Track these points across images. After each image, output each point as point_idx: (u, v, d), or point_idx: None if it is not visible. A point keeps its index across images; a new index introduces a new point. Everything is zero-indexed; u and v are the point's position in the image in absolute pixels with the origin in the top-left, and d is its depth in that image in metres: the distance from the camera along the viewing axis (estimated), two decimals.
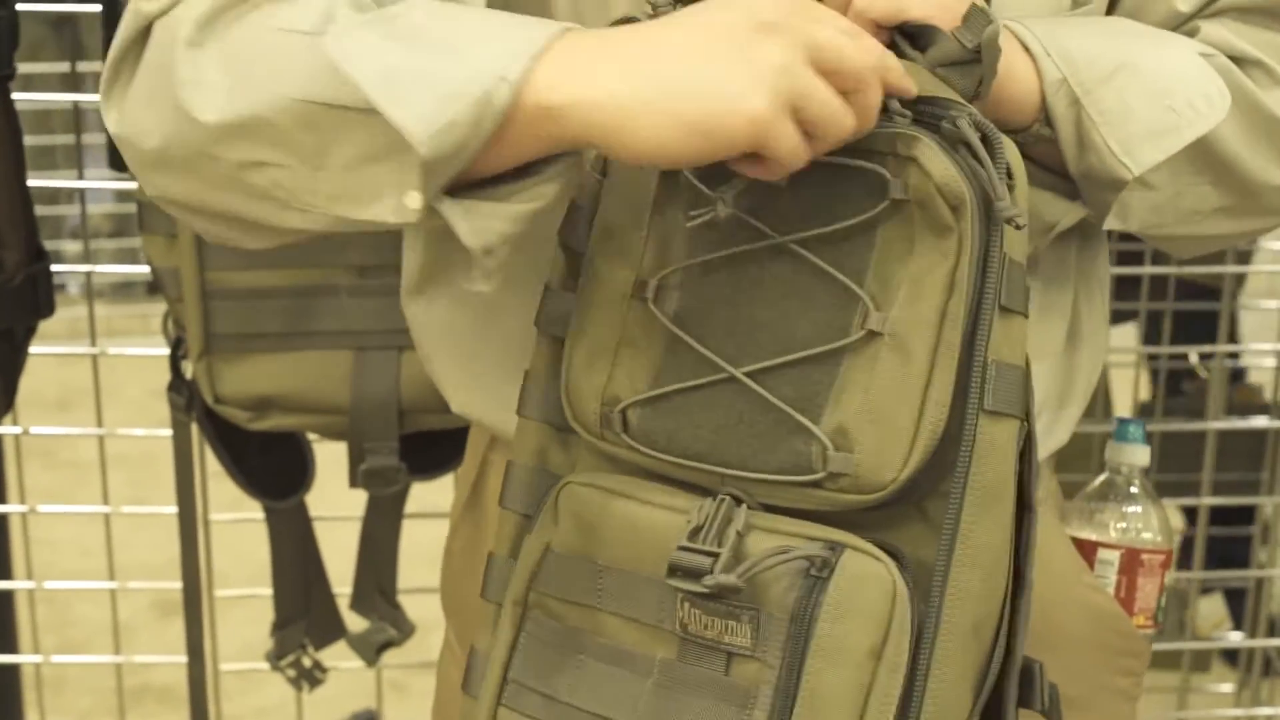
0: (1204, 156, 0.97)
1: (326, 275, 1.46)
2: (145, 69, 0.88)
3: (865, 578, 0.80)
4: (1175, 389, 2.66)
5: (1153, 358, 2.46)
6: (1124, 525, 1.15)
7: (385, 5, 0.84)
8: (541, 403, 0.94)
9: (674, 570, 0.82)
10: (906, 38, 0.87)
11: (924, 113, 0.83)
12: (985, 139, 0.81)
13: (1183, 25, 1.03)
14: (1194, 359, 2.58)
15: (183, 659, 1.81)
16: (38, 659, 2.00)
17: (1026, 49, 0.93)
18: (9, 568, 2.02)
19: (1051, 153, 0.95)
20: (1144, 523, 1.16)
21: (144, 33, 0.88)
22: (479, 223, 0.82)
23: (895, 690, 0.80)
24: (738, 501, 0.85)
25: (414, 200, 0.81)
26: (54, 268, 1.59)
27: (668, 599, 0.84)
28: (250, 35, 0.84)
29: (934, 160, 0.80)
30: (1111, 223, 0.98)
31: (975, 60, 0.84)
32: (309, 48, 0.82)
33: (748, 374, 0.85)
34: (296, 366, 1.47)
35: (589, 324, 0.91)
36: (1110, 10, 1.03)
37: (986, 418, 0.81)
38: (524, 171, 0.83)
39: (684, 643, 0.85)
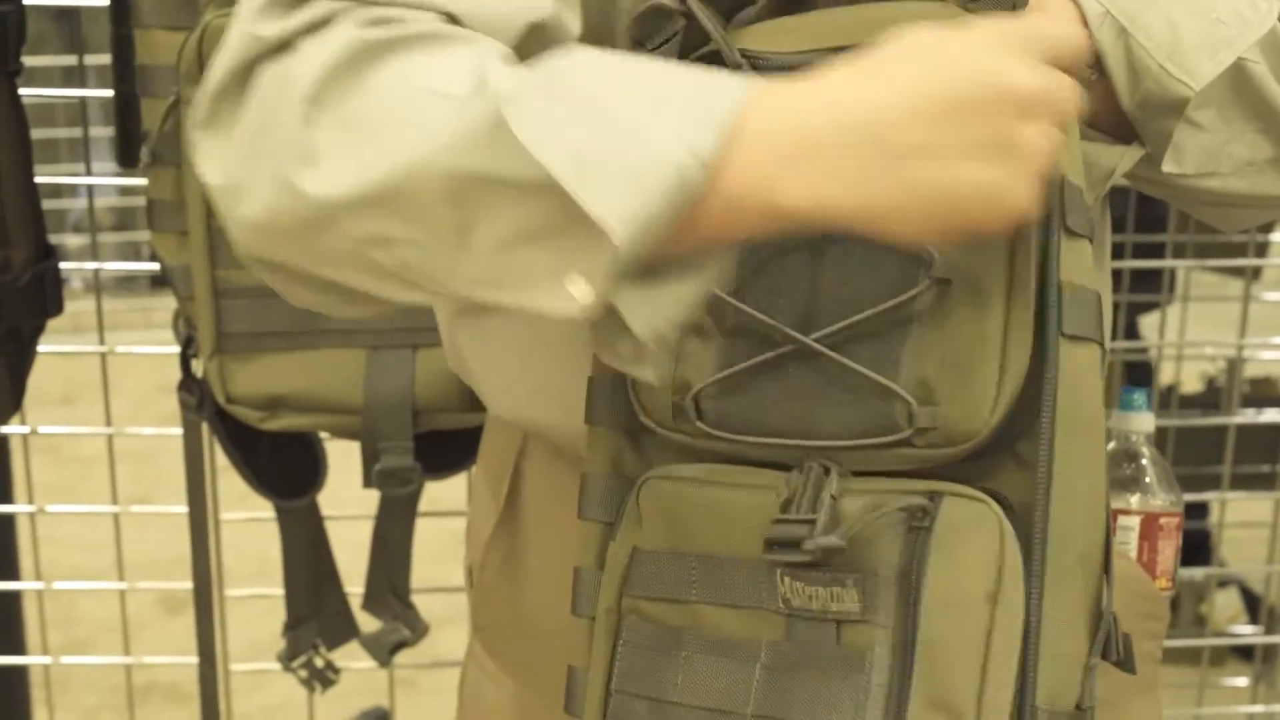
0: (1248, 97, 0.96)
1: None
2: (251, 123, 0.77)
3: (970, 521, 0.79)
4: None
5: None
6: (1141, 492, 1.18)
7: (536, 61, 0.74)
8: (609, 408, 0.92)
9: (771, 545, 0.80)
10: None
11: None
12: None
13: None
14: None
15: (191, 659, 1.80)
16: (47, 660, 1.98)
17: None
18: (15, 566, 2.01)
19: (1102, 98, 0.93)
20: (1157, 487, 1.18)
21: (252, 65, 0.78)
22: (654, 313, 0.73)
23: (1016, 632, 0.78)
24: (826, 471, 0.83)
25: (582, 292, 0.71)
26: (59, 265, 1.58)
27: (766, 579, 0.83)
28: (385, 94, 0.74)
29: None
30: (1168, 165, 0.96)
31: None
32: (460, 110, 0.71)
33: (818, 340, 0.83)
34: (309, 365, 1.45)
35: None
36: None
37: (1068, 343, 0.79)
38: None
39: (790, 620, 0.83)
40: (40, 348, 1.58)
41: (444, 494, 1.73)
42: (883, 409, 0.81)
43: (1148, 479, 1.18)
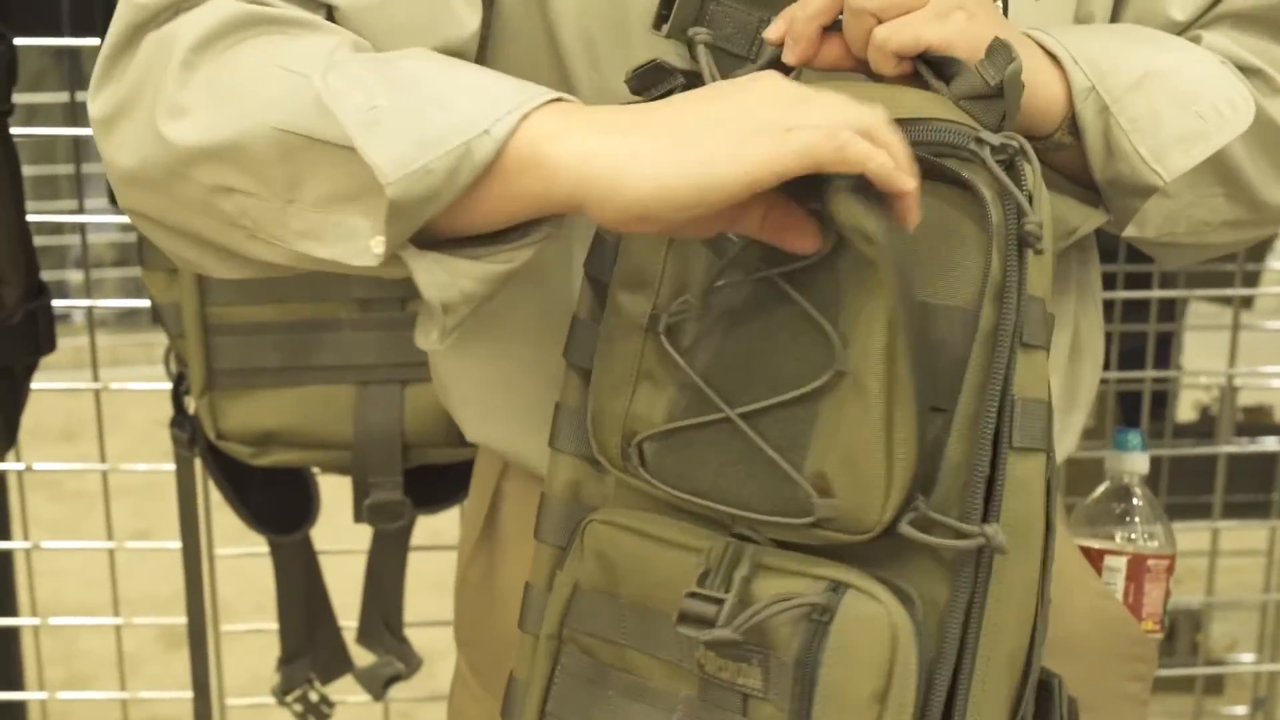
0: (1218, 167, 0.98)
1: (328, 309, 1.45)
2: (133, 81, 0.87)
3: (865, 621, 0.80)
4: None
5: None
6: (1129, 533, 1.18)
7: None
8: (573, 435, 0.94)
9: (683, 617, 0.82)
10: (929, 67, 0.86)
11: (945, 134, 0.81)
12: (1009, 164, 0.80)
13: (1181, 34, 1.03)
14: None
15: (185, 694, 1.80)
16: (43, 695, 1.99)
17: (1053, 57, 0.92)
18: (14, 602, 2.01)
19: (1073, 159, 0.95)
20: (1148, 530, 1.19)
21: (138, 31, 0.88)
22: (443, 277, 0.81)
23: None
24: (747, 540, 0.84)
25: (378, 244, 0.80)
26: (57, 301, 1.59)
27: (685, 638, 0.84)
28: (247, 65, 0.84)
29: (841, 203, 0.78)
30: (1129, 231, 0.98)
31: (998, 96, 0.83)
32: (303, 84, 0.81)
33: (742, 415, 0.85)
34: (299, 401, 1.46)
35: (610, 356, 0.90)
36: (1112, 21, 1.03)
37: (1015, 455, 0.81)
38: (501, 235, 0.82)
39: (704, 682, 0.85)
40: (38, 384, 1.59)
41: (443, 526, 1.73)
42: (791, 493, 0.83)
43: (1137, 520, 1.18)
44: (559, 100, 0.81)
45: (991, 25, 0.88)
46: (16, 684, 2.03)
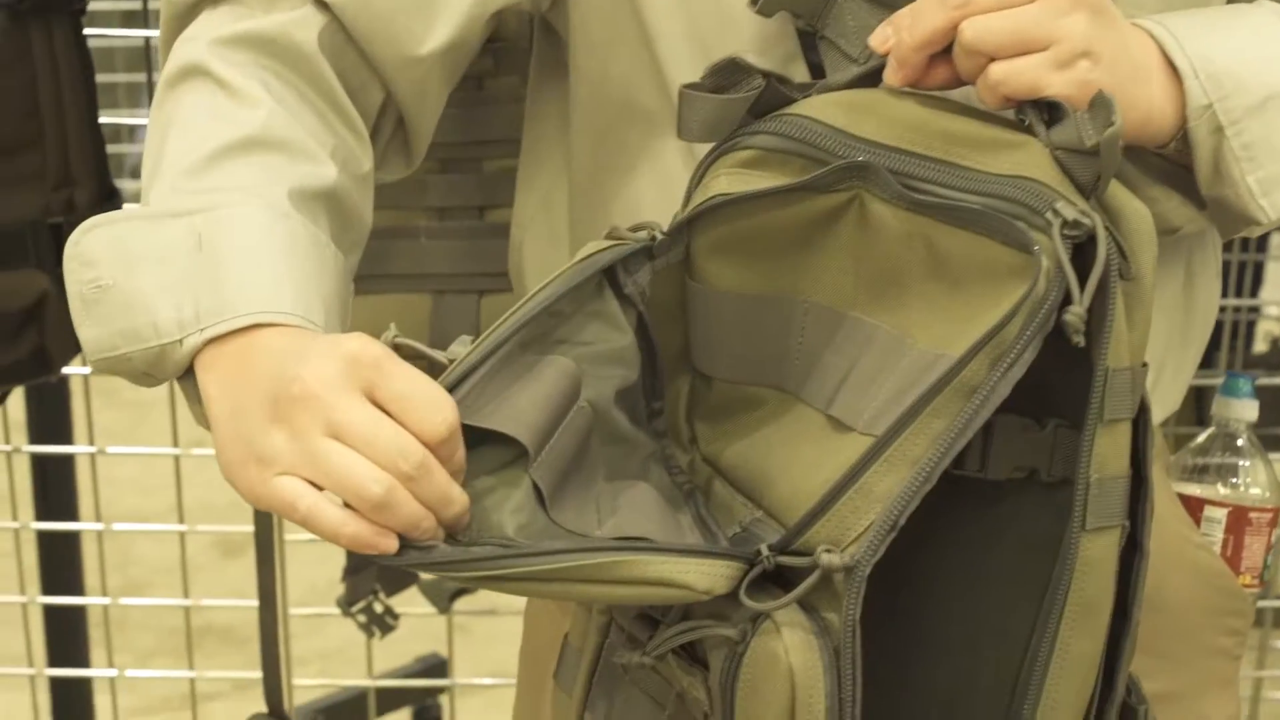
0: None
1: (405, 217, 1.42)
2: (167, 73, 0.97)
3: (767, 659, 0.76)
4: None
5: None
6: (1232, 482, 1.12)
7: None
8: None
9: (630, 638, 0.85)
10: (1034, 107, 0.81)
11: (1027, 195, 0.77)
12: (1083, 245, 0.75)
13: None
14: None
15: (249, 602, 1.80)
16: (105, 600, 1.99)
17: (1173, 67, 0.87)
18: (75, 508, 2.01)
19: (1188, 156, 0.90)
20: (1252, 479, 1.13)
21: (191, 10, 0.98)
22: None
23: None
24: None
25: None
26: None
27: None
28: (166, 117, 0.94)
29: None
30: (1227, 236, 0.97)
31: (1095, 154, 0.77)
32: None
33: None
34: (374, 310, 1.43)
35: None
36: None
37: (1089, 536, 0.78)
38: None
39: (680, 692, 0.84)
40: None
41: None
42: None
43: (1243, 469, 1.13)
44: (261, 327, 0.82)
45: (1116, 67, 0.83)
46: (78, 589, 2.03)
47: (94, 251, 0.85)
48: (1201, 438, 1.16)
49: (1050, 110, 0.81)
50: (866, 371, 0.82)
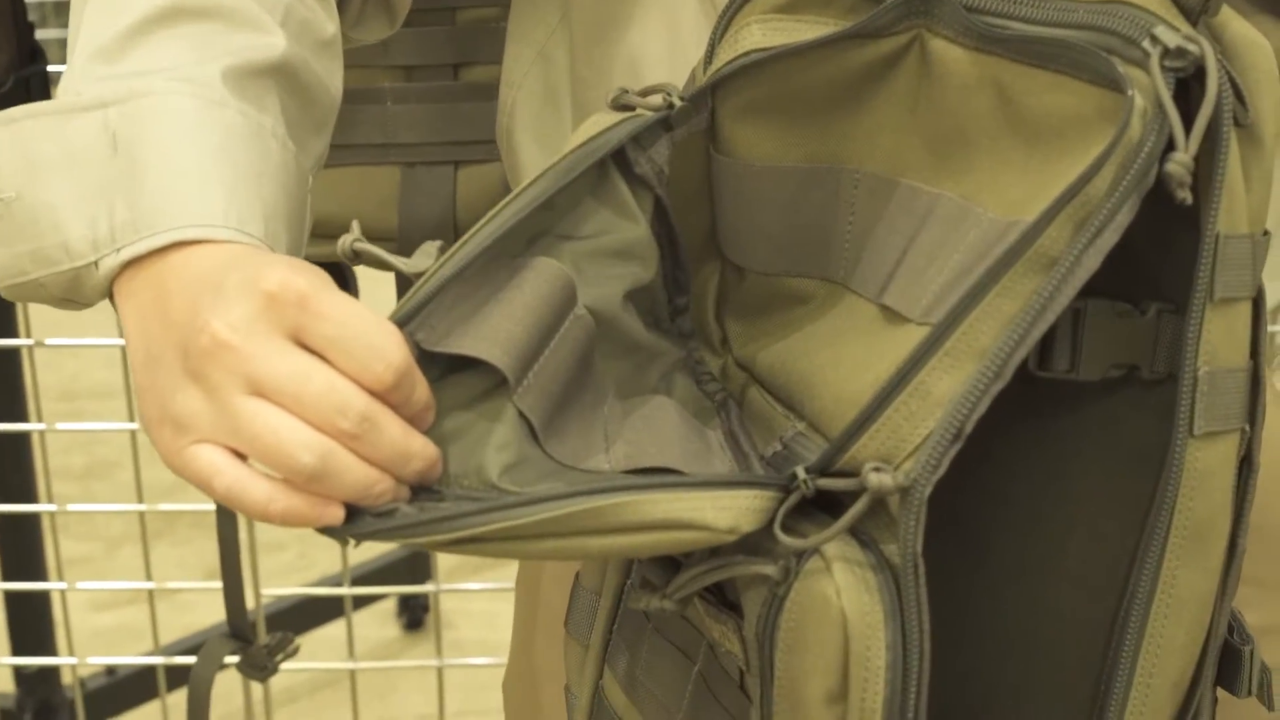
0: None
1: (367, 77, 1.27)
2: None
3: (815, 602, 0.63)
4: None
5: None
6: None
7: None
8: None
9: (644, 581, 0.72)
10: None
11: (1119, 21, 0.63)
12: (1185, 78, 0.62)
13: None
14: None
15: (205, 505, 1.67)
16: (52, 508, 1.86)
17: None
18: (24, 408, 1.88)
19: None
20: None
21: None
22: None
23: None
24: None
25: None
26: None
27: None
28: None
29: None
30: None
31: None
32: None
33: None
34: (335, 186, 1.29)
35: None
36: None
37: (1198, 442, 0.65)
38: None
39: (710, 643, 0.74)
40: None
41: None
42: None
43: None
44: (194, 244, 0.70)
45: None
46: (30, 495, 1.91)
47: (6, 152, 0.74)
48: None
49: None
50: (925, 249, 0.70)
